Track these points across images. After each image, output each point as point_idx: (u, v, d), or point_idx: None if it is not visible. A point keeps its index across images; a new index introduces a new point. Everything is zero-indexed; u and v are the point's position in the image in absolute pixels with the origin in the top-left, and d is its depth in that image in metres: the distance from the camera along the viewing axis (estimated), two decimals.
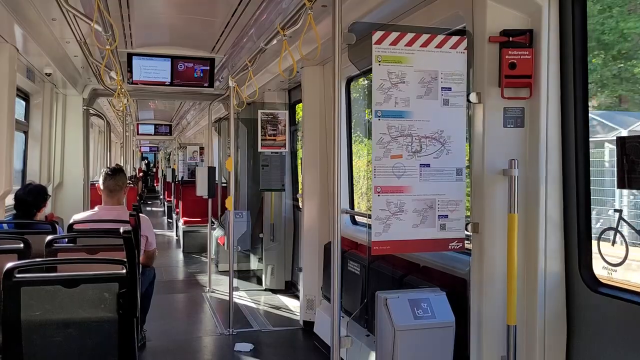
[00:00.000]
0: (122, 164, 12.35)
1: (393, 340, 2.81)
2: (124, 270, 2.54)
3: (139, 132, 16.27)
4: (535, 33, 2.74)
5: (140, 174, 25.01)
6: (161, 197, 21.04)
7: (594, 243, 2.67)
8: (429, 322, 2.91)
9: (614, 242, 2.58)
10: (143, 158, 32.87)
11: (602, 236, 2.65)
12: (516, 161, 2.71)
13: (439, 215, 2.85)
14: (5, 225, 4.04)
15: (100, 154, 13.47)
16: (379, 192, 2.75)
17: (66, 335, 2.43)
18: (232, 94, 5.69)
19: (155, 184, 27.92)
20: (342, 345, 2.62)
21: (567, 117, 2.71)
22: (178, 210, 12.02)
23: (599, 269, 2.66)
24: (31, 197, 4.21)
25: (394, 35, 2.77)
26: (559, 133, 2.73)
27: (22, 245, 3.24)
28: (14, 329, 2.37)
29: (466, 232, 2.94)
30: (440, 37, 2.84)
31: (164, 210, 17.25)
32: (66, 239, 3.79)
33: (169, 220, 15.50)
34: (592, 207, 2.69)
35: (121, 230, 2.81)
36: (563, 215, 2.72)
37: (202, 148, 16.81)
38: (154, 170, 30.52)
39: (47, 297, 2.42)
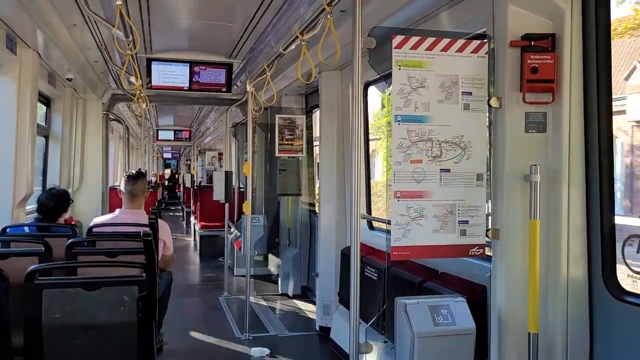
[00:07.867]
0: (141, 170, 12.41)
1: (412, 347, 2.78)
2: (144, 274, 2.55)
3: (159, 138, 16.38)
4: (557, 37, 2.71)
5: (162, 180, 25.12)
6: (182, 202, 21.26)
7: (618, 250, 2.62)
8: (449, 329, 2.87)
9: (639, 249, 2.52)
10: (167, 165, 32.99)
11: (627, 243, 2.60)
12: (538, 167, 2.68)
13: (459, 221, 2.82)
14: (26, 229, 4.08)
15: (121, 159, 13.61)
16: (398, 197, 2.73)
17: (86, 338, 2.45)
18: (249, 98, 5.71)
19: (177, 190, 28.10)
20: (362, 351, 2.60)
21: (590, 122, 2.67)
22: (196, 214, 12.09)
23: (623, 277, 2.60)
24: (53, 202, 4.26)
25: (414, 39, 2.76)
26: (582, 138, 2.69)
27: (42, 248, 3.29)
28: (36, 331, 2.39)
29: (486, 239, 2.91)
30: (460, 42, 2.82)
31: (183, 215, 17.40)
32: (86, 242, 3.82)
33: (187, 225, 15.61)
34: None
35: (142, 233, 2.82)
36: (586, 222, 2.68)
37: (220, 154, 16.93)
38: (176, 176, 30.64)
39: (68, 300, 2.44)
